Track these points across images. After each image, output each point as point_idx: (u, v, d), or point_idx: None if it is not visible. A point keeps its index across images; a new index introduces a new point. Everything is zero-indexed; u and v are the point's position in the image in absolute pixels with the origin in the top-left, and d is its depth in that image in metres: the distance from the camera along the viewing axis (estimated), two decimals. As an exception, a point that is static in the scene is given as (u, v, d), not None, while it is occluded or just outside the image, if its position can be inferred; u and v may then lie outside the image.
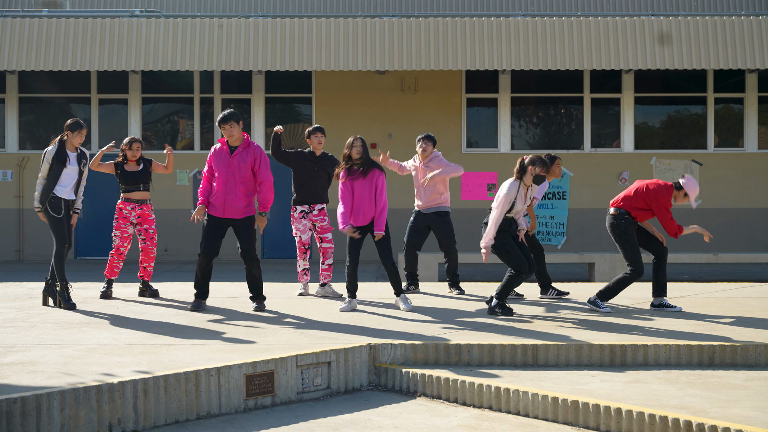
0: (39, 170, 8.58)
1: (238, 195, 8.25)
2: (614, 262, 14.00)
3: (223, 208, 8.28)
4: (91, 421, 5.12)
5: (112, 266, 9.38)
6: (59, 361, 6.00)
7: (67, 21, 16.51)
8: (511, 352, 6.63)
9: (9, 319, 7.92)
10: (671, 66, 16.44)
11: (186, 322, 7.77)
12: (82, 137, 8.65)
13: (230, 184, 8.24)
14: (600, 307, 8.42)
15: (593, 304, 8.47)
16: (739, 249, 17.29)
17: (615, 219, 8.50)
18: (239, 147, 8.30)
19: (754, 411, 5.22)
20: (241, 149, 8.30)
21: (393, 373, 6.42)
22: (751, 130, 17.94)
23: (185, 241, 17.61)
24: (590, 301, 8.52)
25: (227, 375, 5.72)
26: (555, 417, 5.55)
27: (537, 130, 18.41)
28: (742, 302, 9.20)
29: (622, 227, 8.42)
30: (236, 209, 8.30)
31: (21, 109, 18.17)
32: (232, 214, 8.31)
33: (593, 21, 16.48)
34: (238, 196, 8.26)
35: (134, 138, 9.54)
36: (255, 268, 8.38)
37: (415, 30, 16.41)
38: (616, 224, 8.48)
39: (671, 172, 17.67)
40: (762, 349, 6.68)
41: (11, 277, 13.52)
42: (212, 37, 16.40)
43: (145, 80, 18.08)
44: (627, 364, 6.61)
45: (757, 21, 16.55)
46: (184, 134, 18.41)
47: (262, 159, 8.32)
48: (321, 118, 17.98)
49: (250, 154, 8.29)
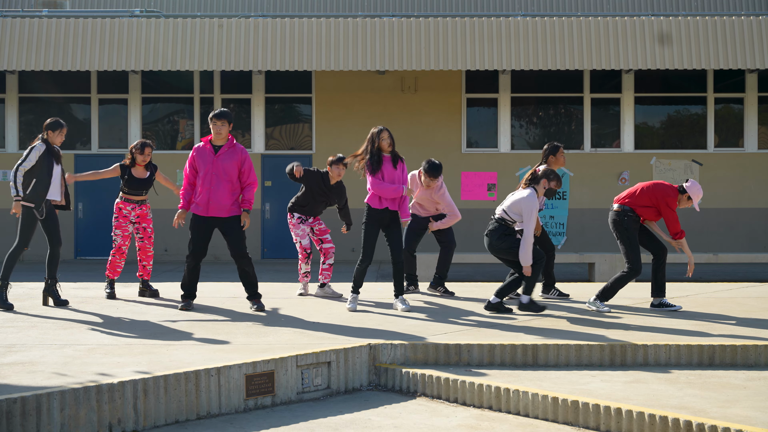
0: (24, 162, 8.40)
1: (223, 193, 8.17)
2: (614, 262, 13.99)
3: (207, 207, 8.22)
4: (91, 421, 5.12)
5: (114, 266, 9.37)
6: (59, 361, 6.00)
7: (67, 21, 16.51)
8: (511, 352, 6.63)
9: (9, 319, 7.92)
10: (671, 66, 16.44)
11: (186, 322, 7.77)
12: (62, 136, 8.65)
13: (215, 183, 8.17)
14: (600, 308, 8.44)
15: (593, 305, 8.49)
16: (739, 249, 17.28)
17: (618, 216, 8.51)
18: (224, 146, 8.24)
19: (754, 411, 5.22)
20: (226, 148, 8.25)
21: (393, 373, 6.42)
22: (751, 130, 17.94)
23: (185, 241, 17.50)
24: (590, 303, 8.54)
25: (227, 375, 5.72)
26: (555, 417, 5.55)
27: (537, 130, 18.41)
28: (742, 302, 9.20)
29: (625, 224, 8.44)
30: (222, 207, 8.21)
31: (21, 109, 18.18)
32: (217, 213, 8.23)
33: (593, 21, 16.48)
34: (223, 194, 8.18)
35: (146, 142, 9.41)
36: (248, 266, 8.35)
37: (415, 30, 16.41)
38: (618, 221, 8.50)
39: (671, 172, 17.68)
40: (762, 349, 6.68)
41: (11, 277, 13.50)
42: (212, 37, 16.40)
43: (145, 80, 18.08)
44: (627, 364, 6.62)
45: (757, 21, 16.55)
46: (184, 134, 18.41)
47: (249, 161, 8.31)
48: (321, 118, 17.99)
49: (237, 154, 8.24)
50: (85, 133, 18.15)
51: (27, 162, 8.42)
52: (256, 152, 17.92)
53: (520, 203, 8.28)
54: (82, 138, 18.13)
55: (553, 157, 9.26)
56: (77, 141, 18.22)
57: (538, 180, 8.42)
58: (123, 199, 9.38)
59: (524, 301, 8.34)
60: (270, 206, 17.87)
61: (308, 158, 17.95)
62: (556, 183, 8.44)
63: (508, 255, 8.37)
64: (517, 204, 8.30)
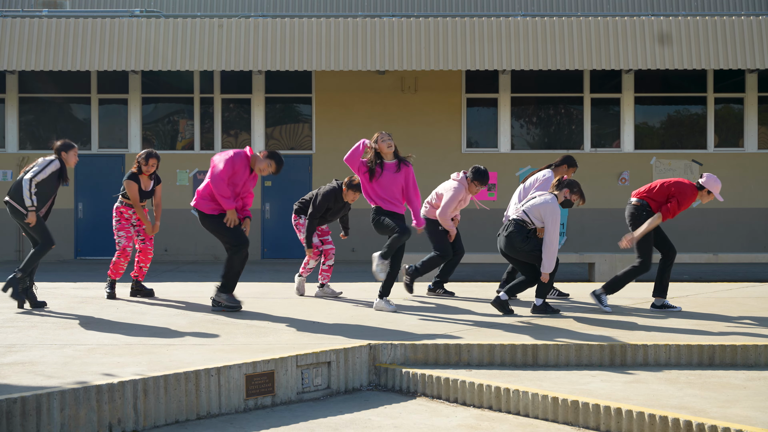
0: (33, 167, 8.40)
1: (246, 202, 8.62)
2: (614, 262, 13.99)
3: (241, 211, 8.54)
4: (91, 421, 5.12)
5: (118, 267, 9.37)
6: (59, 361, 6.00)
7: (67, 21, 16.52)
8: (511, 352, 6.63)
9: (9, 319, 7.92)
10: (671, 66, 16.44)
11: (186, 322, 7.77)
12: (75, 156, 8.70)
13: (243, 193, 8.51)
14: (603, 304, 8.42)
15: (597, 297, 8.46)
16: (739, 249, 17.29)
17: (636, 209, 8.47)
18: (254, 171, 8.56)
19: (754, 411, 5.22)
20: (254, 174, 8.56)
21: (393, 373, 6.42)
22: (751, 130, 17.94)
23: (185, 241, 17.62)
24: (595, 294, 8.50)
25: (227, 375, 5.72)
26: (555, 417, 5.55)
27: (537, 130, 18.41)
28: (742, 302, 9.20)
29: (643, 219, 8.40)
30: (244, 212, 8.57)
31: (21, 109, 18.18)
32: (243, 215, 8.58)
33: (593, 21, 16.48)
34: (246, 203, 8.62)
35: (152, 153, 9.40)
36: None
37: (415, 30, 16.41)
38: (636, 214, 8.45)
39: (671, 172, 17.68)
40: (762, 349, 6.68)
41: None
42: (212, 37, 16.41)
43: (145, 80, 18.08)
44: (627, 364, 6.61)
45: (757, 21, 16.55)
46: (184, 134, 18.41)
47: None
48: (321, 118, 17.99)
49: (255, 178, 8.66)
50: (85, 133, 18.15)
51: (41, 174, 8.39)
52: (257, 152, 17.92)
53: (542, 209, 8.20)
54: (82, 138, 18.13)
55: (565, 167, 9.25)
56: (77, 141, 18.22)
57: (562, 187, 8.39)
58: (124, 204, 9.37)
59: (538, 303, 8.30)
60: (270, 206, 17.88)
61: (308, 158, 17.96)
62: (577, 197, 8.37)
63: (528, 258, 8.25)
64: (538, 209, 8.23)
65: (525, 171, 17.80)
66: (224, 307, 8.33)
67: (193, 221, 8.60)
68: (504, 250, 8.43)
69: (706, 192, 8.43)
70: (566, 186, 8.38)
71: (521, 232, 8.26)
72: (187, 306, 8.80)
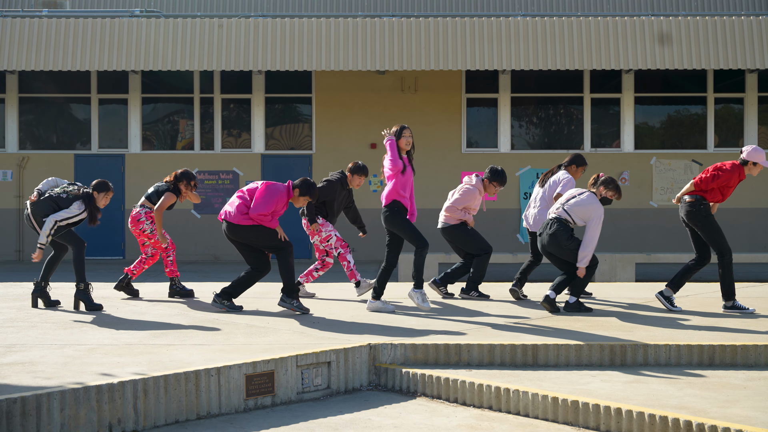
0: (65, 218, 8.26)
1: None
2: (614, 262, 13.99)
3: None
4: (91, 421, 5.12)
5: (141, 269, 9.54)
6: (59, 361, 6.00)
7: (67, 21, 16.52)
8: (511, 352, 6.63)
9: (9, 319, 7.92)
10: (671, 66, 16.44)
11: (186, 322, 7.77)
12: (107, 199, 8.59)
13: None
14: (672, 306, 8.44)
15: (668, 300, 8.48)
16: (739, 249, 17.25)
17: (692, 206, 8.37)
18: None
19: (754, 411, 5.22)
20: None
21: (393, 373, 6.42)
22: (751, 130, 17.94)
23: (185, 242, 17.60)
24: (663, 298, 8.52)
25: (227, 375, 5.72)
26: (555, 417, 5.55)
27: (537, 130, 18.41)
28: (742, 302, 9.19)
29: (702, 212, 8.32)
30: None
31: (21, 109, 18.18)
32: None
33: (593, 21, 16.49)
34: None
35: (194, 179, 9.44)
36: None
37: (415, 30, 16.41)
38: (695, 211, 8.36)
39: (671, 172, 17.68)
40: (762, 349, 6.68)
41: (11, 277, 13.53)
42: (212, 37, 16.41)
43: (145, 80, 18.08)
44: (627, 364, 6.61)
45: (757, 21, 16.55)
46: (184, 134, 18.41)
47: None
48: (321, 118, 17.99)
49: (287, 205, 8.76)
50: (85, 133, 18.15)
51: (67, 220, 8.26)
52: (256, 152, 17.92)
53: (590, 209, 8.26)
54: (82, 138, 18.13)
55: (575, 167, 9.25)
56: (77, 141, 18.22)
57: (597, 185, 8.41)
58: (148, 209, 9.34)
59: (571, 301, 8.34)
60: (270, 206, 17.87)
61: (308, 158, 17.96)
62: (614, 193, 8.40)
63: (571, 256, 8.30)
64: (584, 209, 8.28)
65: (525, 171, 17.80)
66: (227, 307, 8.35)
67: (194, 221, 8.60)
68: (547, 248, 8.44)
69: (752, 164, 8.40)
70: (602, 184, 8.39)
71: (566, 230, 8.30)
72: (187, 306, 8.81)
